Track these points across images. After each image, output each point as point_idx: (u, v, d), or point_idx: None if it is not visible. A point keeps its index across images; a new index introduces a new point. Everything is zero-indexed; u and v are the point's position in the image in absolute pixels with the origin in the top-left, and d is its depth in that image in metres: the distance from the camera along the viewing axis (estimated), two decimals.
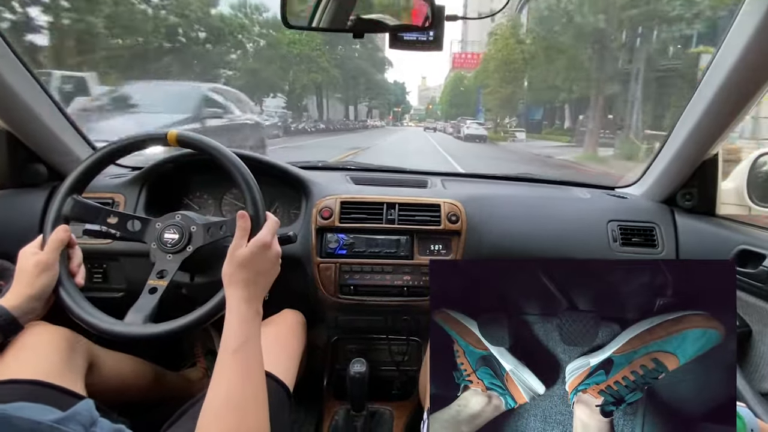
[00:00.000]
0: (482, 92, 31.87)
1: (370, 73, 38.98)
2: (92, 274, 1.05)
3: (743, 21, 0.78)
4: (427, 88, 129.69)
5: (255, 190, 0.76)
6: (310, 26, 0.85)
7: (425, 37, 0.82)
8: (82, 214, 0.79)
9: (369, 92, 43.92)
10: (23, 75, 0.94)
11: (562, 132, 22.34)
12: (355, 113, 46.24)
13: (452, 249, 1.07)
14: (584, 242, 1.10)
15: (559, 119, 25.22)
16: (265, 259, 0.68)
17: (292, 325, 0.97)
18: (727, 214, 1.08)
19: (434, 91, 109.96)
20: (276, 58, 22.80)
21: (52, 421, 0.40)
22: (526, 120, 28.24)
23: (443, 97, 61.99)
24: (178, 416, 0.72)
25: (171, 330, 0.72)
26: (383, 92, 48.20)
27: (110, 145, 0.82)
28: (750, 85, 0.83)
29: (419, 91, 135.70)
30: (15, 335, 0.69)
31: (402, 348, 1.21)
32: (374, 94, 45.80)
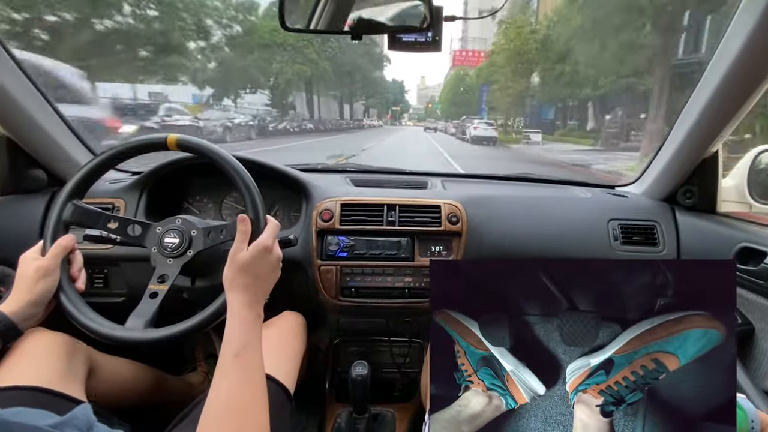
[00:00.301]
0: (487, 90, 29.60)
1: (366, 70, 36.99)
2: (93, 280, 1.06)
3: (741, 19, 0.78)
4: (426, 87, 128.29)
5: (255, 194, 0.76)
6: (308, 28, 0.85)
7: (424, 38, 0.82)
8: (82, 219, 0.79)
9: (366, 90, 41.91)
10: (22, 81, 0.94)
11: (582, 133, 19.78)
12: (351, 112, 44.09)
13: (453, 250, 1.07)
14: (585, 242, 1.09)
15: (575, 119, 23.05)
16: (265, 263, 0.68)
17: (293, 327, 0.97)
18: (728, 212, 1.08)
19: (433, 90, 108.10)
20: (254, 47, 19.73)
21: (50, 426, 0.40)
22: (537, 120, 25.65)
23: (443, 96, 61.15)
24: (180, 419, 0.72)
25: (172, 335, 0.72)
26: (381, 90, 46.85)
27: (110, 150, 0.82)
28: (749, 82, 0.83)
29: (418, 90, 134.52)
30: (15, 341, 0.70)
31: (404, 350, 1.21)
32: (371, 92, 43.95)
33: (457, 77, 48.66)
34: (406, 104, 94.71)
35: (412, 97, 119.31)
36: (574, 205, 1.19)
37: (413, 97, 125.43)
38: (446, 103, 53.56)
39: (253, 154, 1.09)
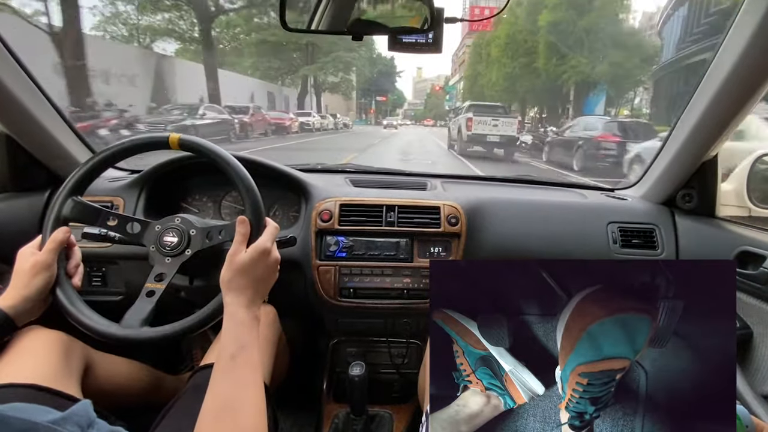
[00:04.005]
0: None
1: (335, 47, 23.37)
2: (91, 278, 1.05)
3: (743, 21, 0.78)
4: (423, 80, 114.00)
5: (255, 194, 0.76)
6: (309, 29, 0.85)
7: (424, 40, 0.82)
8: (81, 215, 0.79)
9: (332, 67, 25.35)
10: (22, 79, 0.94)
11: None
12: (318, 104, 28.73)
13: (452, 251, 1.07)
14: (584, 244, 1.09)
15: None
16: (264, 265, 0.68)
17: (262, 319, 0.96)
18: (727, 216, 1.08)
19: (433, 83, 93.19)
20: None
21: (49, 422, 0.40)
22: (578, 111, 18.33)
23: (473, 68, 31.43)
24: (161, 418, 0.73)
25: (168, 334, 0.72)
26: (348, 61, 26.40)
27: (111, 148, 0.82)
28: (749, 85, 0.83)
29: (414, 83, 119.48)
30: (11, 335, 0.70)
31: (402, 351, 1.21)
32: (335, 70, 26.45)
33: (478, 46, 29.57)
34: (399, 97, 71.16)
35: (407, 91, 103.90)
36: (573, 208, 1.19)
37: (408, 92, 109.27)
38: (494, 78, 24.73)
39: (253, 154, 1.09)
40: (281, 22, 0.81)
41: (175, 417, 0.72)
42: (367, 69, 38.09)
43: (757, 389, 0.84)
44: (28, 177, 1.06)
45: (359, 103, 51.38)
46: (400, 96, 72.64)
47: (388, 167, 1.51)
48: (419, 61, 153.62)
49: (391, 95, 57.97)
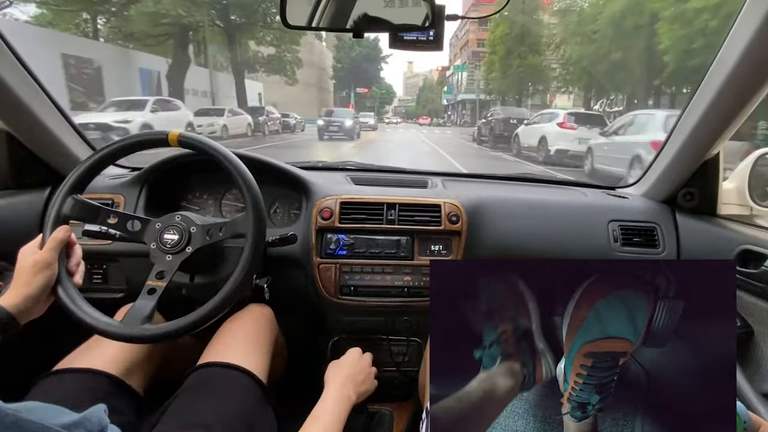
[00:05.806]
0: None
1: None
2: (92, 275, 1.05)
3: (744, 21, 0.77)
4: (414, 75, 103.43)
5: (255, 192, 0.76)
6: (310, 26, 0.85)
7: (425, 37, 0.82)
8: (82, 213, 0.79)
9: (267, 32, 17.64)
10: (23, 76, 0.94)
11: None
12: (239, 90, 18.09)
13: (453, 249, 1.07)
14: (585, 242, 1.09)
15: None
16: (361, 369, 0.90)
17: (257, 319, 0.96)
18: (729, 214, 1.08)
19: (423, 78, 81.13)
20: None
21: (61, 426, 0.40)
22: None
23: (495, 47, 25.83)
24: (161, 414, 0.73)
25: (168, 331, 0.72)
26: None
27: (111, 146, 0.82)
28: (751, 84, 0.83)
29: (405, 78, 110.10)
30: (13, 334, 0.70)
31: (402, 349, 1.21)
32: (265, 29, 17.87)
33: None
34: (389, 92, 57.93)
35: (397, 88, 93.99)
36: (574, 206, 1.18)
37: (399, 87, 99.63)
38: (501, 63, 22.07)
39: (253, 152, 1.09)
40: (281, 19, 0.81)
41: (175, 416, 0.72)
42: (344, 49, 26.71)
43: (757, 388, 0.84)
44: (28, 174, 1.06)
45: (339, 96, 38.57)
46: (389, 90, 59.37)
47: (389, 165, 1.50)
48: (410, 54, 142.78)
49: (378, 89, 45.99)
